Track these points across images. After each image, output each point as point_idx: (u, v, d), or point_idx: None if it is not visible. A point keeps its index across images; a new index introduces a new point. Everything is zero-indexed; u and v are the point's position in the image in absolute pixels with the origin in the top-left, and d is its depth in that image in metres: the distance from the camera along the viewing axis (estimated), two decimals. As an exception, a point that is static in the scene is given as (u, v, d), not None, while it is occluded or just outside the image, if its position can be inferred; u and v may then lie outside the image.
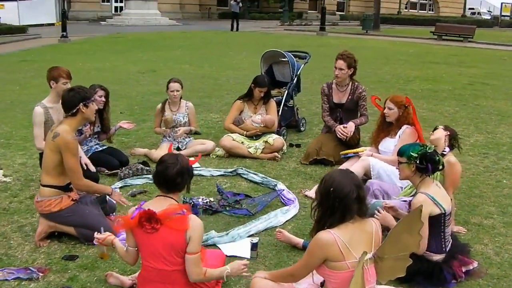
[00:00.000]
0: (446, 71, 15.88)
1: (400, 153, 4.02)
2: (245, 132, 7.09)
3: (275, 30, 36.13)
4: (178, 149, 7.18)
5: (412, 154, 3.90)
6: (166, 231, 3.40)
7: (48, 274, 4.23)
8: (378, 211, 4.22)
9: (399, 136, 5.68)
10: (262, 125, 7.07)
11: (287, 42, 24.86)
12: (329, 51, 19.23)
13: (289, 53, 8.20)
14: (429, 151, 3.91)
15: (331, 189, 3.18)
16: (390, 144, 5.79)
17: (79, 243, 4.73)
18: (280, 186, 5.82)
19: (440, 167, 3.97)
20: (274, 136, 7.02)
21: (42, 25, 36.72)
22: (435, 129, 4.96)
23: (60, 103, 5.51)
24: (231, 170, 6.42)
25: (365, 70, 15.40)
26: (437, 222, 3.89)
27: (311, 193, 5.61)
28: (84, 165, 5.90)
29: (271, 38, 27.82)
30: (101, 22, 40.80)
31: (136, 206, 3.55)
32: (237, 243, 4.65)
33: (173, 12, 45.86)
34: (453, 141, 4.86)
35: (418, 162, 3.89)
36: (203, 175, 6.35)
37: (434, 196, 3.85)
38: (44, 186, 4.70)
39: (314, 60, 14.88)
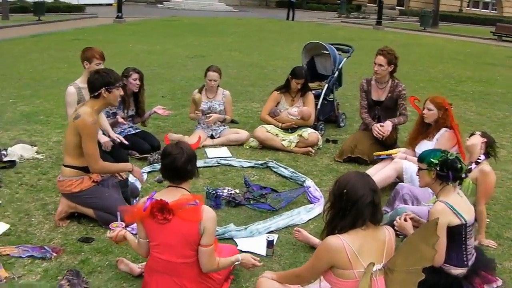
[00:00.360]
0: (502, 74, 15.22)
1: (421, 159, 3.79)
2: (280, 124, 6.92)
3: (331, 21, 35.64)
4: (212, 137, 7.10)
5: (432, 160, 3.67)
6: (179, 222, 3.31)
7: (61, 255, 4.24)
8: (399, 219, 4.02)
9: (437, 139, 5.41)
10: (299, 118, 6.86)
11: (341, 34, 24.47)
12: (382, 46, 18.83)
13: (331, 46, 7.97)
14: (450, 157, 3.67)
15: (345, 190, 3.02)
16: (427, 147, 5.48)
17: (97, 226, 4.71)
18: (308, 182, 5.64)
19: (463, 175, 3.72)
20: (310, 130, 6.83)
21: (100, 5, 37.39)
22: (472, 134, 4.69)
23: None
24: (262, 162, 6.28)
25: (416, 67, 14.97)
26: (457, 233, 3.65)
27: None
28: (117, 139, 5.92)
29: (326, 30, 27.45)
30: (158, 5, 41.20)
31: (148, 197, 3.45)
32: (254, 239, 4.52)
33: (232, -2, 45.90)
34: (489, 149, 4.58)
35: (438, 169, 3.66)
36: (233, 166, 6.24)
37: (454, 205, 3.61)
38: (65, 166, 4.69)
39: (365, 54, 14.66)
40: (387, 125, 6.29)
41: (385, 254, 3.04)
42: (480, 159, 4.54)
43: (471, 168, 4.65)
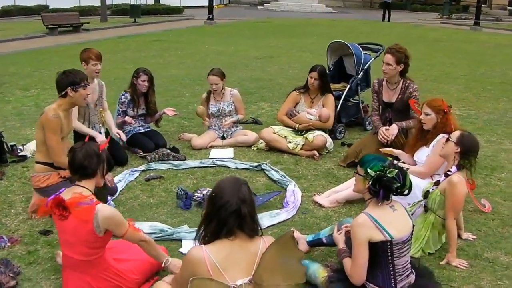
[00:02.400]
0: None
1: (361, 162, 3.48)
2: (297, 125, 6.70)
3: (430, 22, 34.20)
4: (223, 138, 7.03)
5: (369, 171, 3.34)
6: (74, 220, 3.33)
7: (16, 245, 4.34)
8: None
9: (433, 146, 4.99)
10: (317, 119, 6.60)
11: (430, 35, 23.49)
12: (468, 47, 17.83)
13: (355, 45, 7.60)
14: (388, 174, 3.28)
15: (213, 194, 2.88)
16: (424, 154, 5.13)
17: (64, 220, 4.76)
18: (291, 186, 5.41)
19: (395, 196, 3.37)
20: (317, 132, 6.55)
21: (202, 7, 38.31)
22: (447, 139, 4.26)
23: (93, 84, 5.72)
24: (256, 164, 6.11)
25: (494, 69, 14.00)
26: (382, 251, 3.31)
27: (320, 198, 5.15)
28: (116, 134, 6.04)
29: (417, 31, 26.40)
30: (258, 7, 41.62)
31: (56, 193, 3.47)
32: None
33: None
34: (463, 161, 4.12)
35: (371, 183, 3.34)
36: (228, 167, 6.14)
37: (379, 219, 3.28)
38: (36, 162, 4.87)
39: (444, 55, 13.97)
40: (392, 129, 5.89)
41: (255, 267, 2.83)
42: (450, 171, 4.14)
43: (439, 180, 4.25)
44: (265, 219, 4.72)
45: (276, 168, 6.06)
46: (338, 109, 7.26)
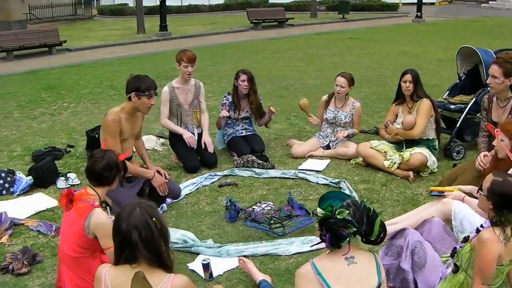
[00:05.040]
0: None
1: (321, 199, 2.97)
2: (388, 136, 6.08)
3: None
4: (328, 147, 6.64)
5: (318, 209, 2.85)
6: (73, 213, 3.49)
7: (55, 235, 4.61)
8: None
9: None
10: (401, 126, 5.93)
11: None
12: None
13: (488, 51, 6.53)
14: (337, 216, 2.70)
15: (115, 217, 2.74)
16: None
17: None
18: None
19: (344, 245, 2.80)
20: (417, 150, 5.81)
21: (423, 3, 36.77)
22: (478, 190, 3.45)
23: (188, 85, 5.86)
24: (336, 181, 5.66)
25: None
26: None
27: None
28: (203, 144, 6.07)
29: None
30: (482, 5, 38.55)
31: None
32: (218, 260, 4.19)
33: None
34: (498, 217, 3.20)
35: (318, 224, 2.85)
36: (308, 181, 5.78)
37: (324, 271, 2.76)
38: (99, 160, 5.08)
39: None
40: (491, 155, 5.00)
41: None
42: (482, 226, 3.35)
43: (468, 236, 3.47)
44: (295, 245, 4.34)
45: (359, 187, 5.55)
46: (459, 125, 6.37)
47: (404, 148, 5.97)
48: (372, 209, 2.79)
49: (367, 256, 2.84)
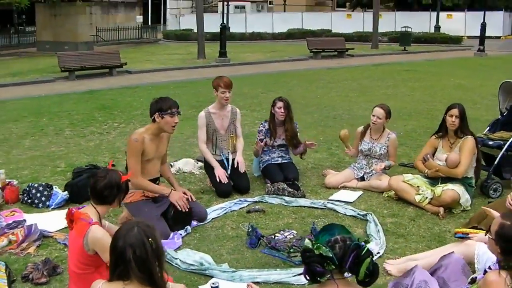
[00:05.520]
0: None
1: (319, 231, 2.98)
2: (426, 171, 5.97)
3: None
4: (362, 179, 6.58)
5: (306, 240, 2.87)
6: (74, 232, 3.66)
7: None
8: None
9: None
10: (445, 164, 5.80)
11: None
12: None
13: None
14: (315, 251, 2.70)
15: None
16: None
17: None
18: (371, 246, 4.82)
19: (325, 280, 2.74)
20: (450, 186, 5.68)
21: (488, 37, 36.00)
22: (487, 233, 3.34)
23: (225, 111, 5.99)
24: (364, 213, 5.59)
25: None
26: None
27: (392, 267, 4.45)
28: (235, 163, 6.15)
29: None
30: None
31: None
32: (229, 284, 4.22)
33: None
34: (506, 262, 3.08)
35: (301, 257, 2.85)
36: (336, 211, 5.74)
37: None
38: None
39: None
40: None
41: None
42: (490, 268, 3.26)
43: (475, 278, 3.38)
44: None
45: (386, 220, 5.48)
46: (497, 161, 6.20)
47: (439, 183, 5.83)
48: (366, 249, 2.73)
49: None
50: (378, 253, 4.73)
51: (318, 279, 2.74)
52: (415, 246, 4.94)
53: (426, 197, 5.74)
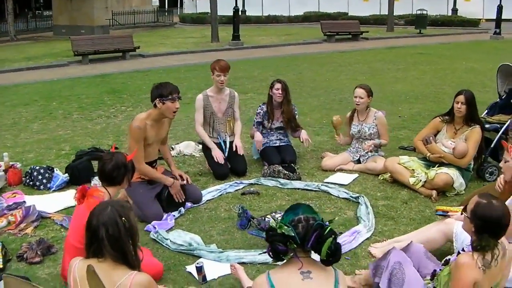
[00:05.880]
0: None
1: (285, 211, 3.04)
2: (428, 154, 5.98)
3: None
4: (358, 161, 6.63)
5: (271, 219, 2.94)
6: (85, 207, 3.73)
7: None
8: None
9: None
10: (451, 152, 5.81)
11: None
12: None
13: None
14: (277, 230, 2.78)
15: None
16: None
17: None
18: (359, 227, 4.91)
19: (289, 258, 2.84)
20: (443, 169, 5.70)
21: (507, 20, 35.40)
22: (463, 212, 3.38)
23: (222, 94, 6.06)
24: (356, 196, 5.65)
25: None
26: None
27: (376, 250, 4.51)
28: (234, 146, 6.32)
29: None
30: None
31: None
32: (216, 264, 4.33)
33: None
34: (479, 242, 3.09)
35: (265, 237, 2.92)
36: (329, 194, 5.81)
37: (277, 284, 2.82)
38: (125, 161, 5.35)
39: None
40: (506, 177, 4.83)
41: None
42: (463, 250, 3.29)
43: (448, 259, 3.44)
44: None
45: (378, 203, 5.54)
46: (493, 145, 6.19)
47: (436, 165, 5.85)
48: (329, 229, 2.78)
49: (326, 272, 2.85)
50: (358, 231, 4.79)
51: (282, 257, 2.81)
52: (404, 228, 4.99)
53: (420, 180, 5.78)
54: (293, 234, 2.73)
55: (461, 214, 3.36)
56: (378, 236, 4.84)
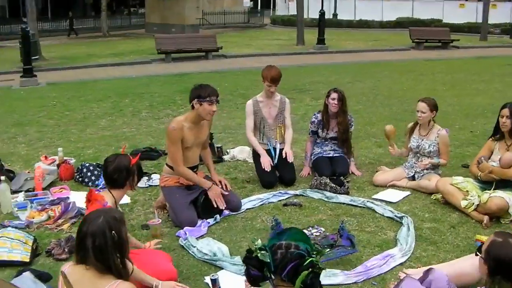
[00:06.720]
0: None
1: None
2: (479, 173, 5.61)
3: None
4: (413, 178, 6.32)
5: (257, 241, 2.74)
6: (87, 212, 3.74)
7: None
8: None
9: None
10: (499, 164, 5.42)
11: None
12: None
13: None
14: (255, 255, 2.59)
15: None
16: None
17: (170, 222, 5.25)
18: (393, 251, 4.64)
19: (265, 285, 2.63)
20: (499, 193, 5.28)
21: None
22: (477, 253, 3.11)
23: (273, 100, 6.01)
24: (401, 216, 5.37)
25: None
26: None
27: (411, 272, 4.25)
28: (283, 154, 6.20)
29: None
30: None
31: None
32: (233, 277, 4.24)
33: None
34: (492, 285, 2.85)
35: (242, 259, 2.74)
36: (374, 211, 5.57)
37: None
38: (166, 164, 5.38)
39: None
40: None
41: None
42: None
43: None
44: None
45: (424, 225, 5.23)
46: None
47: (492, 189, 5.47)
48: (309, 261, 2.47)
49: None
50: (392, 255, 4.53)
51: (259, 284, 2.64)
52: (444, 256, 4.66)
53: (473, 203, 5.39)
54: (268, 260, 2.51)
55: (476, 255, 3.07)
56: (414, 262, 4.54)
